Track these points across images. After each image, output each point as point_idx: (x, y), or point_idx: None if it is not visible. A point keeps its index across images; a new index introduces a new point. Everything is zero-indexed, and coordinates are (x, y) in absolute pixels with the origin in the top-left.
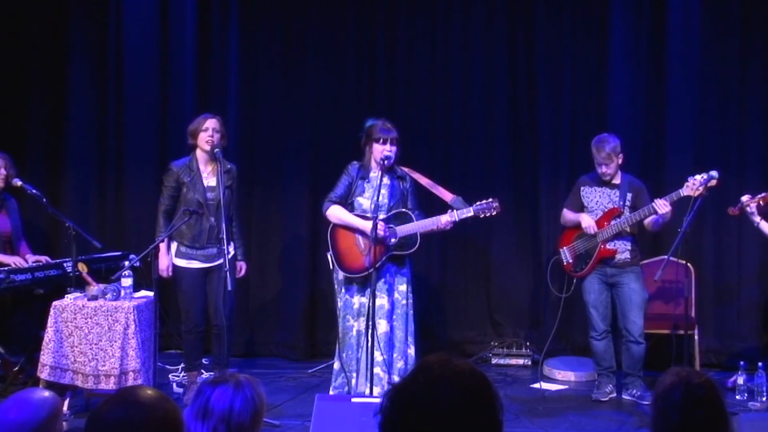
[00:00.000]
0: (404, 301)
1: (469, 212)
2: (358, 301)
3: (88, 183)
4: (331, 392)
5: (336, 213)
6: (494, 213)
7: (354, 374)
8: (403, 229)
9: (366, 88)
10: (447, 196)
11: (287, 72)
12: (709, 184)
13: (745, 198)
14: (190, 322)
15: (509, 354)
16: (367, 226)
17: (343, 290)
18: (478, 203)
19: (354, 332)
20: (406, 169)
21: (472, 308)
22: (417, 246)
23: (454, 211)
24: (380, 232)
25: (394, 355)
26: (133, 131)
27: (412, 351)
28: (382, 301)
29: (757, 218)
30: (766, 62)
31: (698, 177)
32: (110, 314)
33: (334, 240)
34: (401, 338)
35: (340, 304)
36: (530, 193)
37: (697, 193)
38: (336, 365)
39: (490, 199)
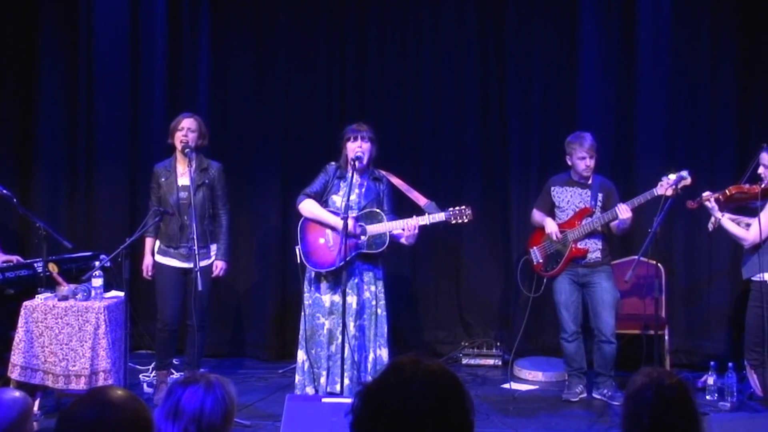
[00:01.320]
0: (374, 301)
1: (440, 217)
2: (329, 299)
3: (59, 183)
4: (296, 391)
5: (308, 207)
6: (466, 220)
7: (323, 372)
8: (372, 229)
9: (336, 87)
10: (421, 200)
11: (258, 72)
12: (680, 184)
13: (706, 194)
14: (163, 320)
15: (479, 354)
16: (337, 222)
17: (312, 288)
18: (450, 209)
19: (324, 330)
20: (383, 172)
21: (442, 308)
22: (385, 246)
23: (426, 215)
24: (351, 228)
25: (364, 355)
26: (103, 132)
27: (383, 352)
28: (350, 299)
29: (718, 214)
30: (736, 63)
31: (672, 176)
32: (81, 314)
33: (304, 234)
34: (371, 338)
35: (309, 301)
36: (500, 194)
37: (671, 192)
38: (305, 366)
39: (463, 206)
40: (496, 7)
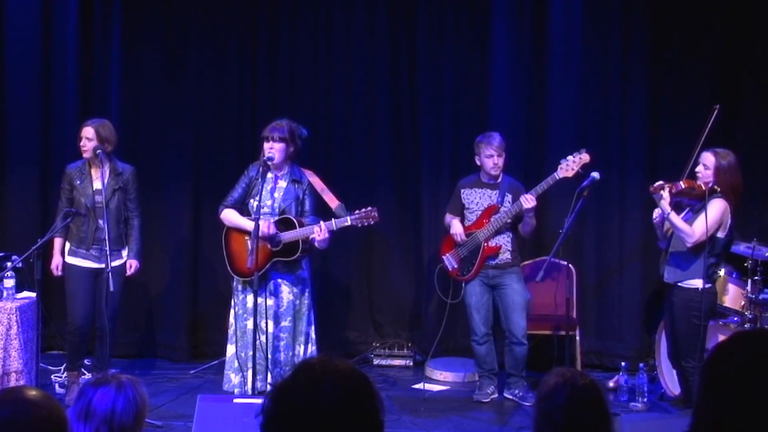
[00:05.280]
0: (298, 302)
1: (345, 222)
2: (251, 299)
3: None
4: (226, 388)
5: (227, 216)
6: (372, 222)
7: (248, 370)
8: (286, 236)
9: (247, 90)
10: (333, 202)
11: (169, 74)
12: (581, 181)
13: (659, 183)
14: (73, 322)
15: (391, 355)
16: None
17: (240, 287)
18: (356, 212)
19: (247, 329)
20: (307, 172)
21: (353, 309)
22: (299, 253)
23: (332, 220)
24: (266, 230)
25: (290, 354)
26: (15, 134)
27: (312, 349)
28: (269, 302)
29: (667, 208)
30: (647, 61)
31: (570, 158)
32: None
33: (227, 242)
34: (297, 338)
35: (236, 299)
36: (412, 195)
37: (572, 173)
38: (235, 364)
39: (369, 208)
40: (408, 8)
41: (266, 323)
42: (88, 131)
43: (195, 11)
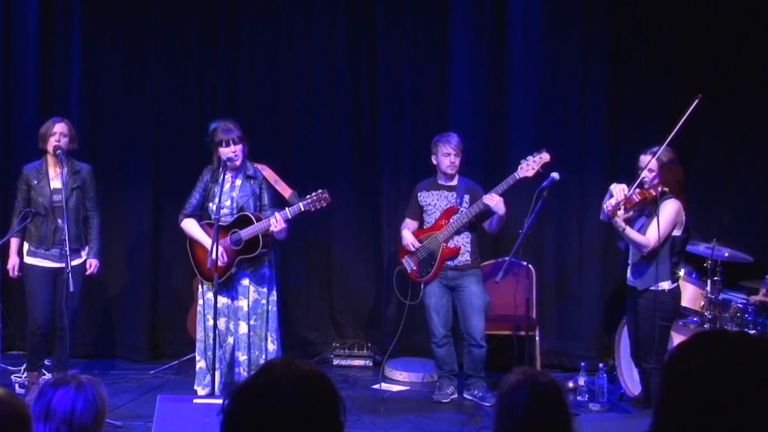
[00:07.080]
0: (264, 300)
1: (299, 208)
2: (219, 300)
3: None
4: (200, 391)
5: (187, 228)
6: (324, 204)
7: (216, 372)
8: (245, 233)
9: (208, 90)
10: (287, 192)
11: (129, 73)
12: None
13: (611, 205)
14: (34, 322)
15: (351, 355)
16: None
17: (205, 287)
18: (307, 197)
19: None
20: (258, 165)
21: (313, 309)
22: (260, 248)
23: (286, 209)
24: (223, 258)
25: (256, 354)
26: None
27: (274, 347)
28: (241, 303)
29: (623, 225)
30: (606, 62)
31: (531, 158)
32: None
33: (192, 249)
34: (262, 337)
35: (201, 300)
36: (371, 196)
37: (533, 172)
38: (202, 364)
39: (320, 191)
40: (367, 9)
41: (231, 322)
42: (63, 127)
43: (155, 10)
